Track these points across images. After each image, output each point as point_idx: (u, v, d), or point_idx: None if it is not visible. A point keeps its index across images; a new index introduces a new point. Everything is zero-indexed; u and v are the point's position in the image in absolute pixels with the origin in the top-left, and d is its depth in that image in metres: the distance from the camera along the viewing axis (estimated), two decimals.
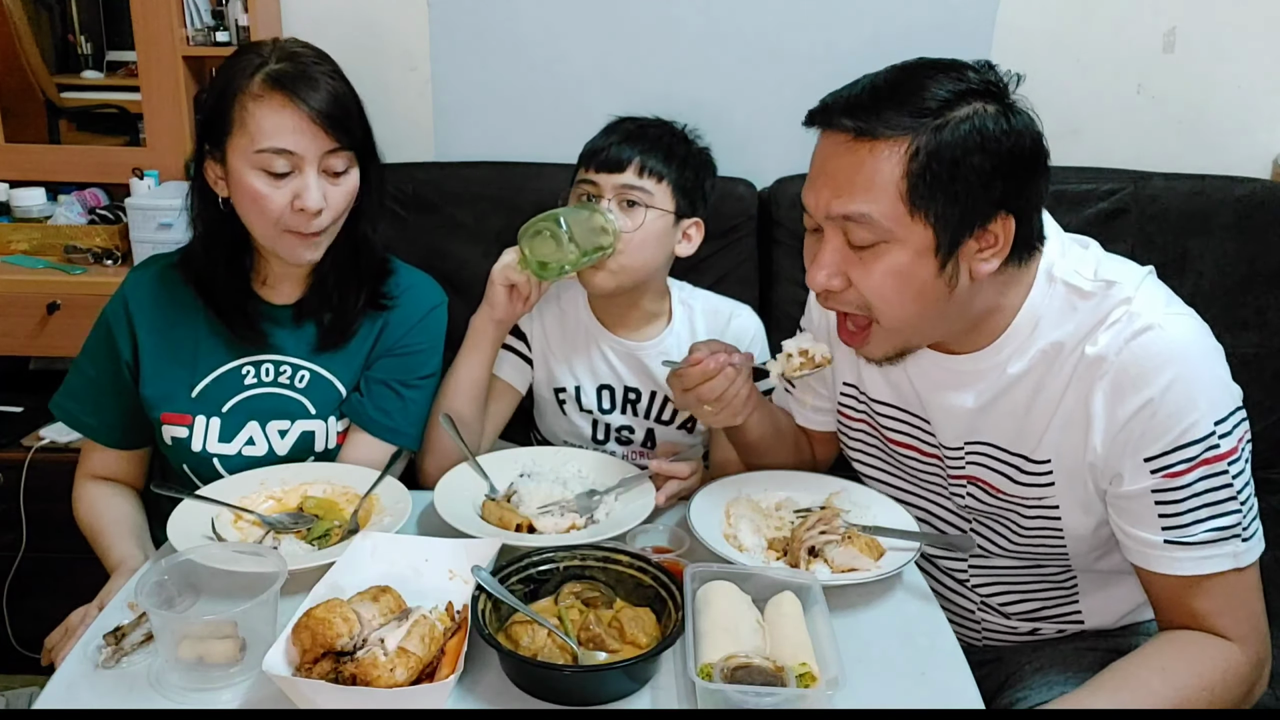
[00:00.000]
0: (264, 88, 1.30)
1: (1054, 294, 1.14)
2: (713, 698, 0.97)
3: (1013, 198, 1.06)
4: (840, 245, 1.09)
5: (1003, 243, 1.07)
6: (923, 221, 1.04)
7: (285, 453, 1.45)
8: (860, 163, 1.04)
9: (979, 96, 1.04)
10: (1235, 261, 1.97)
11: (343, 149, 1.34)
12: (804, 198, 1.12)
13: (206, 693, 1.00)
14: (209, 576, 1.09)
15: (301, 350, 1.46)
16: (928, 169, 1.02)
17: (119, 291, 1.46)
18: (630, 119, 1.54)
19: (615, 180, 1.46)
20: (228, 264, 1.42)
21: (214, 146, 1.34)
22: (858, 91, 1.07)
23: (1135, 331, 1.07)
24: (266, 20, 2.07)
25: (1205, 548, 1.08)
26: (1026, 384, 1.16)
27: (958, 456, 1.26)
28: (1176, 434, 1.06)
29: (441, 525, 1.26)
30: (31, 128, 2.30)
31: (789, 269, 2.03)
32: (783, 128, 2.12)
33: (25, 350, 2.12)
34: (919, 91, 1.04)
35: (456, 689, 1.00)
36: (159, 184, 2.13)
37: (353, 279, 1.46)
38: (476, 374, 1.50)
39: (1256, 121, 2.13)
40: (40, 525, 1.99)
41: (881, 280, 1.08)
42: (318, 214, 1.33)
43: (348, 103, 1.35)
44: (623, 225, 1.44)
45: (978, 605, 1.37)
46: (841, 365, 1.38)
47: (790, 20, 2.08)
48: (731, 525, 1.30)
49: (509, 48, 2.13)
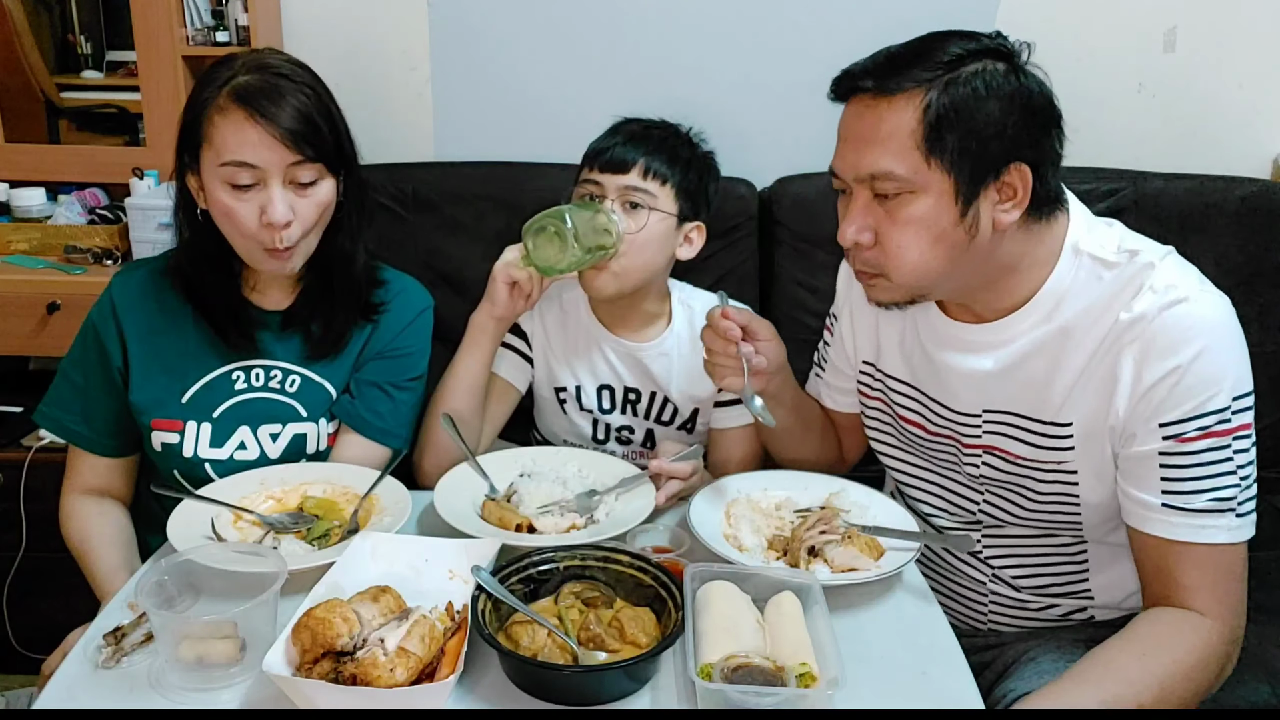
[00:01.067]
0: (228, 101, 1.28)
1: (1080, 266, 1.19)
2: (713, 698, 0.97)
3: (1025, 147, 1.12)
4: (868, 201, 1.15)
5: (1021, 194, 1.13)
6: (940, 169, 1.10)
7: (277, 456, 1.45)
8: (880, 119, 1.11)
9: (989, 55, 1.12)
10: (1235, 261, 1.96)
11: (308, 160, 1.31)
12: (833, 164, 1.19)
13: (206, 693, 1.00)
14: (209, 576, 1.09)
15: (291, 355, 1.46)
16: (941, 116, 1.09)
17: (105, 297, 1.44)
18: (635, 120, 1.54)
19: (619, 181, 1.46)
20: (215, 271, 1.41)
21: (191, 158, 1.34)
22: (876, 57, 1.15)
23: (1171, 301, 1.12)
24: (267, 20, 2.07)
25: (1202, 516, 1.12)
26: (1048, 353, 1.20)
27: (975, 425, 1.29)
28: (1197, 403, 1.11)
29: (441, 525, 1.26)
30: (31, 128, 2.30)
31: (789, 269, 2.03)
32: (783, 128, 2.13)
33: (25, 350, 2.12)
34: (933, 51, 1.12)
35: (456, 689, 1.00)
36: (159, 184, 2.13)
37: (341, 292, 1.45)
38: (475, 371, 1.50)
39: (1256, 121, 2.13)
40: (40, 525, 1.98)
41: (905, 229, 1.13)
42: (286, 226, 1.31)
43: (314, 115, 1.31)
44: (625, 226, 1.44)
45: (989, 577, 1.38)
46: (861, 344, 1.43)
47: (790, 20, 2.08)
48: (731, 525, 1.31)
49: (509, 48, 2.13)
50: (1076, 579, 1.34)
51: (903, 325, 1.37)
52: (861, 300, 1.42)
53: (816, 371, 1.55)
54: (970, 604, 1.42)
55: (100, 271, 2.07)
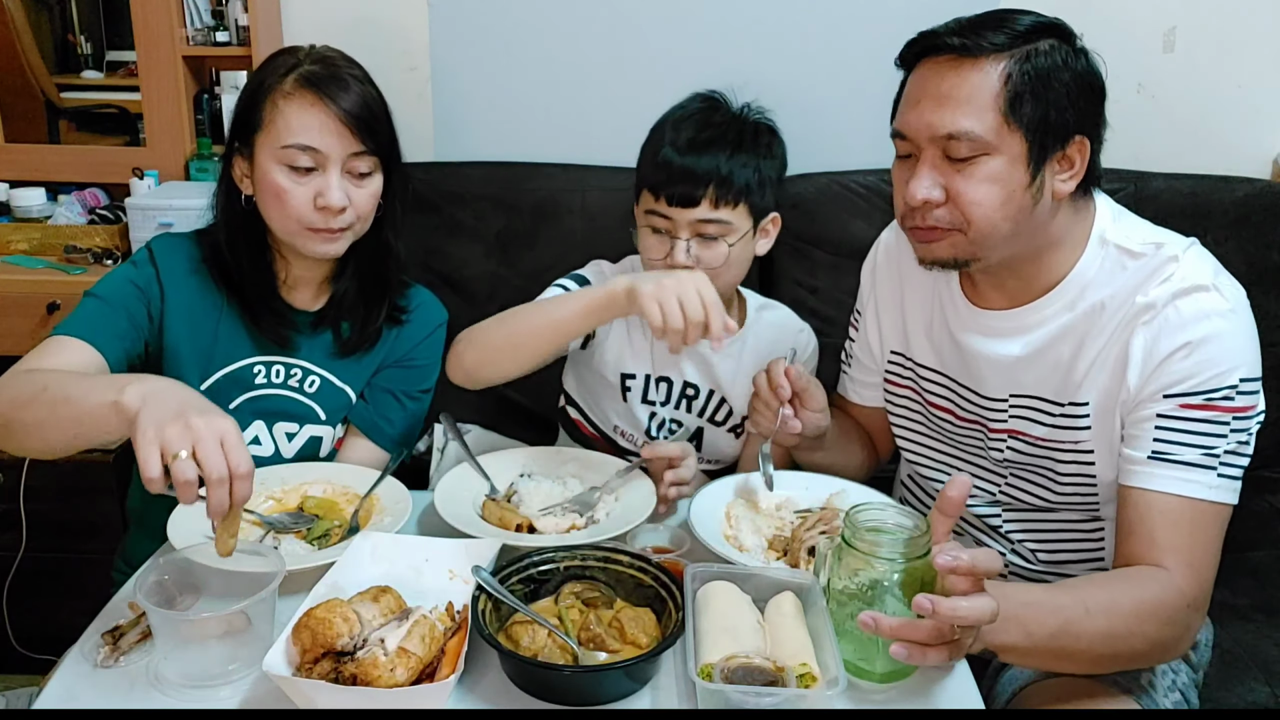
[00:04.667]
0: (295, 86, 1.32)
1: (1106, 255, 1.23)
2: (713, 698, 0.97)
3: (1088, 122, 1.18)
4: (939, 160, 1.17)
5: (1079, 166, 1.18)
6: (1018, 132, 1.14)
7: (291, 456, 1.45)
8: (965, 78, 1.15)
9: (1057, 34, 1.17)
10: (1235, 261, 1.93)
11: (368, 152, 1.35)
12: (901, 124, 1.21)
13: (206, 690, 1.00)
14: (208, 576, 1.09)
15: (315, 355, 1.46)
16: (1024, 83, 1.13)
17: (144, 256, 1.39)
18: (686, 113, 1.47)
19: (690, 216, 1.41)
20: (252, 262, 1.41)
21: (242, 143, 1.36)
22: (956, 21, 1.19)
23: (1187, 288, 1.17)
24: (267, 20, 2.07)
25: (1184, 469, 1.16)
26: (1072, 338, 1.24)
27: (1001, 409, 1.31)
28: (1205, 378, 1.15)
29: (441, 525, 1.26)
30: (31, 128, 2.30)
31: (789, 269, 2.03)
32: (783, 127, 2.13)
33: (25, 350, 2.10)
34: (1010, 20, 1.16)
35: (456, 689, 1.00)
36: (159, 184, 2.13)
37: (375, 288, 1.46)
38: (571, 329, 1.38)
39: (1256, 121, 2.13)
40: (40, 525, 1.99)
41: (978, 186, 1.16)
42: (341, 211, 1.33)
43: (376, 108, 1.36)
44: (707, 260, 1.41)
45: (1008, 550, 1.39)
46: (888, 335, 1.46)
47: (791, 20, 2.07)
48: (731, 525, 1.31)
49: (509, 48, 2.13)
50: (1093, 553, 1.36)
51: (930, 314, 1.38)
52: (887, 292, 1.45)
53: (844, 369, 1.58)
54: None
55: (100, 271, 2.07)
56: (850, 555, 1.03)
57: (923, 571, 1.01)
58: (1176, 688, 1.27)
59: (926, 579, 1.01)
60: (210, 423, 1.00)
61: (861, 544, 1.02)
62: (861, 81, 2.00)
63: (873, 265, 1.49)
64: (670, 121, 1.48)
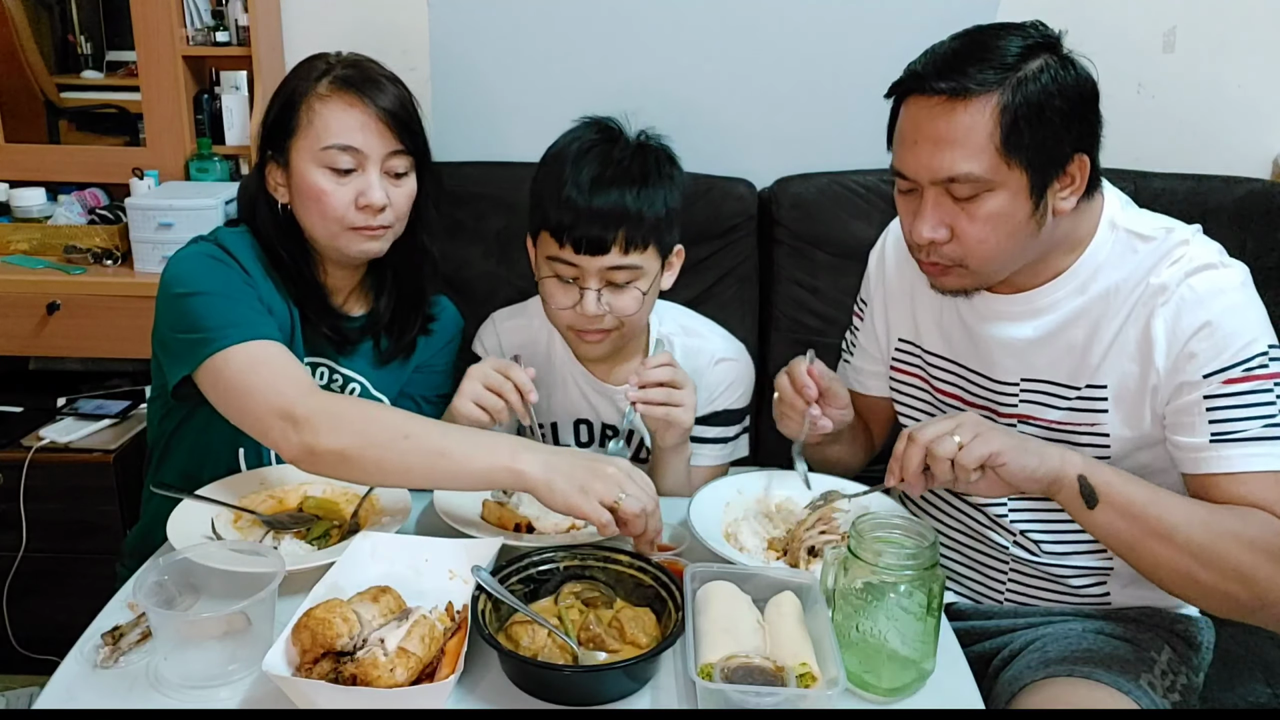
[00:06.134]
0: (331, 89, 1.33)
1: (1116, 239, 1.23)
2: (713, 698, 0.97)
3: (1086, 138, 1.17)
4: (941, 198, 1.18)
5: (1079, 181, 1.18)
6: (1018, 166, 1.14)
7: None
8: (957, 121, 1.13)
9: (1044, 50, 1.15)
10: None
11: (405, 151, 1.36)
12: (900, 164, 1.20)
13: (206, 690, 1.00)
14: (208, 576, 1.09)
15: (358, 363, 1.48)
16: (1018, 117, 1.12)
17: (212, 247, 1.33)
18: (586, 150, 1.37)
19: (600, 264, 1.35)
20: (307, 269, 1.40)
21: (276, 151, 1.36)
22: (940, 56, 1.16)
23: (1197, 267, 1.18)
24: (267, 20, 2.07)
25: (1253, 444, 1.14)
26: (1085, 321, 1.24)
27: (1011, 394, 1.32)
28: (1235, 350, 1.15)
29: (441, 525, 1.26)
30: (31, 128, 2.31)
31: (789, 269, 2.03)
32: (783, 127, 2.14)
33: (25, 350, 2.12)
34: (995, 49, 1.14)
35: (456, 689, 1.00)
36: (159, 184, 2.13)
37: (414, 296, 1.47)
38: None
39: (1256, 121, 2.13)
40: (40, 525, 1.98)
41: (983, 226, 1.16)
42: (381, 210, 1.34)
43: (411, 108, 1.38)
44: (619, 308, 1.37)
45: (1011, 542, 1.39)
46: (896, 324, 1.45)
47: (791, 20, 2.07)
48: (731, 525, 1.31)
49: (509, 48, 2.13)
50: (1099, 544, 1.32)
51: (940, 302, 1.38)
52: (896, 283, 1.45)
53: (845, 358, 1.58)
54: (990, 574, 1.41)
55: (100, 272, 2.07)
56: (856, 565, 1.03)
57: (930, 582, 1.01)
58: (1176, 688, 1.27)
59: (933, 590, 1.01)
60: (617, 467, 1.14)
61: (867, 554, 1.03)
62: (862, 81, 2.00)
63: (881, 254, 1.49)
64: (569, 156, 1.37)
